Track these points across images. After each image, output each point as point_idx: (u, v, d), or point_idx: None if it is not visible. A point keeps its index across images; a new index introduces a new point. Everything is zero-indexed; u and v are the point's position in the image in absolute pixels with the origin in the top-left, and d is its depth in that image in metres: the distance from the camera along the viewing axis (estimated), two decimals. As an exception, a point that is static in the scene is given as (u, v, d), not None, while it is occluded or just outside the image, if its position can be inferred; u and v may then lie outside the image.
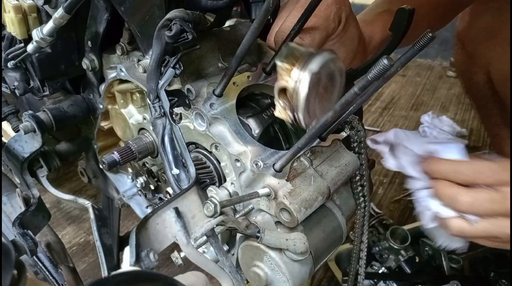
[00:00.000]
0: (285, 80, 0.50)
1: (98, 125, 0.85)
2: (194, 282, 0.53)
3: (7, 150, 0.82)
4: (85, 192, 1.54)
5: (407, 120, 1.75)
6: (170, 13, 0.53)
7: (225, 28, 0.72)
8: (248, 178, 0.60)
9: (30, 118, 0.76)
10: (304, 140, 0.52)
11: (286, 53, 0.50)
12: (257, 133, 0.64)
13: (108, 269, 0.75)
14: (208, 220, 0.51)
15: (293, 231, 0.59)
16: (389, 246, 1.10)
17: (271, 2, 0.49)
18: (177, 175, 0.56)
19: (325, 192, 0.61)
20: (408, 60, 0.48)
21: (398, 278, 1.06)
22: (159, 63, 0.57)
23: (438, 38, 1.48)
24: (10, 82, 0.84)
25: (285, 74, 0.50)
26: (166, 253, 1.09)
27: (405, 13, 0.63)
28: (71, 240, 1.34)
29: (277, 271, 0.58)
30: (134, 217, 1.38)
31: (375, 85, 0.52)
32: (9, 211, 0.82)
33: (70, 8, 0.63)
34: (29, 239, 0.67)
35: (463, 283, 1.01)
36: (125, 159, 0.73)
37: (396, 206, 1.43)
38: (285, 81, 0.50)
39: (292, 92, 0.49)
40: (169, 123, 0.58)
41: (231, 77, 0.59)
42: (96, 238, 0.77)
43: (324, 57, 0.49)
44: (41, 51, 0.74)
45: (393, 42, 0.67)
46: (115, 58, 0.75)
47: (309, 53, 0.49)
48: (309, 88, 0.47)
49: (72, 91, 0.88)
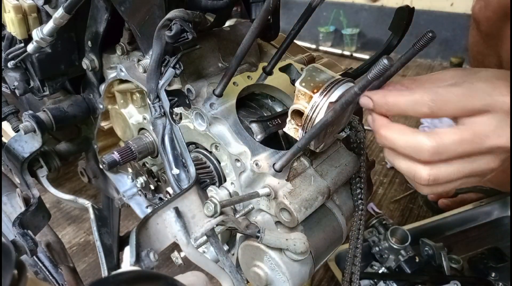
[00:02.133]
0: (302, 105, 0.50)
1: (98, 125, 0.85)
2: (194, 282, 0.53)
3: (7, 150, 0.82)
4: (85, 192, 1.54)
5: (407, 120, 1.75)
6: (170, 13, 0.53)
7: (225, 28, 0.72)
8: (248, 178, 0.60)
9: (30, 118, 0.76)
10: (304, 140, 0.52)
11: (307, 76, 0.50)
12: (258, 138, 0.64)
13: (108, 269, 0.75)
14: (208, 220, 0.51)
15: (293, 231, 0.59)
16: (389, 246, 1.10)
17: (271, 2, 0.49)
18: (177, 175, 0.56)
19: (325, 192, 0.61)
20: (408, 60, 0.48)
21: (398, 278, 1.06)
22: (159, 63, 0.57)
23: (438, 38, 1.48)
24: (10, 82, 0.84)
25: (303, 99, 0.50)
26: (166, 253, 1.09)
27: (405, 13, 0.63)
28: (71, 240, 1.34)
29: (277, 271, 0.58)
30: (134, 217, 1.38)
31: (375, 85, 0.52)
32: (9, 211, 0.82)
33: (70, 8, 0.63)
34: (29, 239, 0.67)
35: (463, 283, 1.01)
36: (125, 159, 0.73)
37: (396, 206, 1.43)
38: (302, 106, 0.50)
39: (307, 118, 0.49)
40: (169, 123, 0.58)
41: (231, 77, 0.59)
42: (96, 238, 0.77)
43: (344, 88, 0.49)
44: (41, 51, 0.74)
45: (393, 42, 0.67)
46: (115, 58, 0.75)
47: (330, 82, 0.49)
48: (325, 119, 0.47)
49: (72, 91, 0.88)
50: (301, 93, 0.50)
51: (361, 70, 0.73)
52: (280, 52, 0.66)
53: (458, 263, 1.09)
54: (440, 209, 1.35)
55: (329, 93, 0.48)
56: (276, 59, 0.67)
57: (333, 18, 2.91)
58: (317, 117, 0.49)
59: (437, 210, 1.35)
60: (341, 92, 0.49)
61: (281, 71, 0.70)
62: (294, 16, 0.72)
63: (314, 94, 0.49)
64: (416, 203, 1.44)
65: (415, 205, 1.43)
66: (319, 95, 0.49)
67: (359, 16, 2.89)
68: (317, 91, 0.49)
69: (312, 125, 0.49)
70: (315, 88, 0.49)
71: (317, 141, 0.52)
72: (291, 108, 0.52)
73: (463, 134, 0.46)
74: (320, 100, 0.49)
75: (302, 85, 0.50)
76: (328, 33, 2.93)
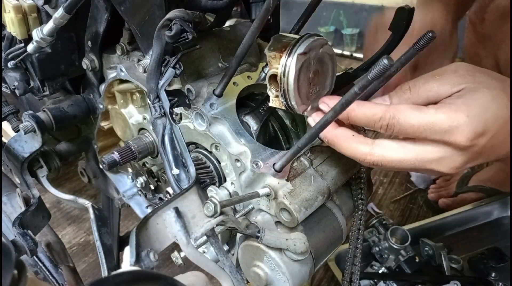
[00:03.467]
0: (275, 67, 0.50)
1: (98, 125, 0.85)
2: (194, 282, 0.54)
3: (7, 150, 0.82)
4: (85, 192, 1.54)
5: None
6: (170, 13, 0.53)
7: (225, 28, 0.72)
8: (248, 178, 0.60)
9: (30, 118, 0.76)
10: (304, 140, 0.51)
11: (274, 42, 0.50)
12: (255, 129, 0.64)
13: (108, 269, 0.75)
14: (208, 220, 0.51)
15: (293, 231, 0.59)
16: (389, 246, 1.10)
17: (271, 2, 0.49)
18: (177, 175, 0.56)
19: (325, 192, 0.61)
20: (408, 60, 0.48)
21: (398, 278, 1.06)
22: (159, 63, 0.57)
23: (438, 38, 1.46)
24: (10, 82, 0.84)
25: (274, 62, 0.50)
26: (166, 253, 1.09)
27: (405, 13, 0.63)
28: (71, 240, 1.34)
29: (277, 271, 0.58)
30: (134, 217, 1.38)
31: (375, 85, 0.52)
32: (9, 211, 0.82)
33: (70, 8, 0.63)
34: (29, 239, 0.67)
35: (463, 283, 1.01)
36: (125, 159, 0.73)
37: (396, 206, 1.43)
38: (274, 69, 0.50)
39: (282, 77, 0.49)
40: (169, 123, 0.58)
41: (231, 77, 0.59)
42: (96, 238, 0.77)
43: (311, 41, 0.49)
44: (41, 51, 0.74)
45: (393, 42, 0.67)
46: (115, 58, 0.75)
47: (296, 39, 0.49)
48: (296, 70, 0.47)
49: (72, 91, 0.88)
50: (271, 57, 0.50)
51: (361, 70, 0.73)
52: (280, 52, 0.66)
53: (458, 263, 1.09)
54: (440, 209, 1.35)
55: (296, 47, 0.49)
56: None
57: (333, 18, 2.91)
58: (290, 75, 0.49)
59: (437, 210, 1.35)
60: (307, 43, 0.49)
61: (281, 71, 0.70)
62: (294, 16, 0.72)
63: (282, 53, 0.49)
64: (416, 203, 1.44)
65: (415, 205, 1.43)
66: (287, 53, 0.49)
67: (359, 16, 2.89)
68: (284, 50, 0.49)
69: (287, 84, 0.49)
70: (282, 48, 0.49)
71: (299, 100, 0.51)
72: (267, 75, 0.52)
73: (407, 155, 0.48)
74: (289, 57, 0.49)
75: (271, 49, 0.50)
76: (328, 33, 2.93)
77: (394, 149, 0.49)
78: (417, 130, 0.46)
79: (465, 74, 0.49)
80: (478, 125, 0.45)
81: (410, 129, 0.47)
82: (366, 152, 0.49)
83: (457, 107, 0.46)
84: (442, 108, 0.47)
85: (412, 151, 0.48)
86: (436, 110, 0.46)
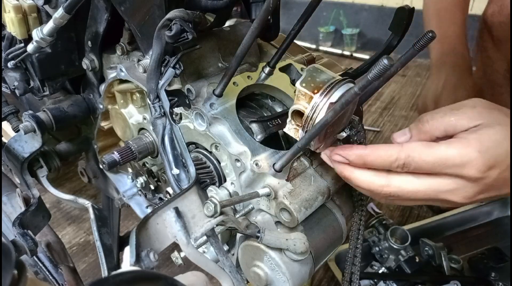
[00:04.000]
0: (303, 105, 0.50)
1: (98, 125, 0.85)
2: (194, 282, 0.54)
3: (7, 150, 0.82)
4: (85, 192, 1.54)
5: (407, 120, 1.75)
6: (170, 13, 0.53)
7: (225, 28, 0.72)
8: (248, 178, 0.60)
9: (30, 118, 0.76)
10: (304, 140, 0.51)
11: (307, 78, 0.50)
12: (259, 138, 0.64)
13: (108, 269, 0.75)
14: (208, 220, 0.51)
15: (293, 231, 0.59)
16: (389, 246, 1.10)
17: (271, 2, 0.49)
18: (177, 175, 0.56)
19: (325, 192, 0.61)
20: (408, 60, 0.48)
21: (398, 278, 1.06)
22: (159, 63, 0.57)
23: (438, 38, 1.46)
24: (10, 82, 0.84)
25: (303, 99, 0.50)
26: (166, 253, 1.09)
27: (405, 13, 0.63)
28: (71, 240, 1.34)
29: (277, 271, 0.58)
30: (134, 217, 1.38)
31: (375, 85, 0.52)
32: (9, 211, 0.82)
33: (70, 8, 0.63)
34: (29, 239, 0.67)
35: (463, 283, 1.01)
36: (125, 159, 0.73)
37: (396, 206, 1.43)
38: (302, 106, 0.50)
39: (308, 118, 0.49)
40: (169, 123, 0.58)
41: (231, 77, 0.59)
42: (96, 238, 0.77)
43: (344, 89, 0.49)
44: (41, 51, 0.74)
45: (393, 42, 0.67)
46: (115, 58, 0.75)
47: (330, 82, 0.49)
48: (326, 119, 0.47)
49: (72, 91, 0.88)
50: (302, 94, 0.50)
51: (361, 70, 0.73)
52: (280, 52, 0.66)
53: (458, 263, 1.09)
54: (440, 209, 1.35)
55: (330, 93, 0.48)
56: (276, 59, 0.67)
57: (333, 18, 2.91)
58: (318, 118, 0.49)
59: (437, 210, 1.35)
60: (341, 92, 0.49)
61: (281, 71, 0.70)
62: (294, 16, 0.72)
63: (314, 95, 0.49)
64: (416, 203, 1.44)
65: (415, 205, 1.43)
66: (320, 96, 0.49)
67: (359, 16, 2.90)
68: (317, 91, 0.49)
69: (313, 125, 0.49)
70: (315, 88, 0.49)
71: (317, 141, 0.52)
72: (292, 108, 0.52)
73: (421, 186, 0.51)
74: (321, 101, 0.49)
75: (303, 86, 0.50)
76: (328, 33, 2.93)
77: (410, 180, 0.51)
78: (432, 166, 0.49)
79: (483, 111, 0.51)
80: (490, 159, 0.48)
81: (425, 165, 0.49)
82: (382, 184, 0.51)
83: (469, 143, 0.48)
84: (454, 143, 0.49)
85: (426, 182, 0.51)
86: (448, 145, 0.49)
